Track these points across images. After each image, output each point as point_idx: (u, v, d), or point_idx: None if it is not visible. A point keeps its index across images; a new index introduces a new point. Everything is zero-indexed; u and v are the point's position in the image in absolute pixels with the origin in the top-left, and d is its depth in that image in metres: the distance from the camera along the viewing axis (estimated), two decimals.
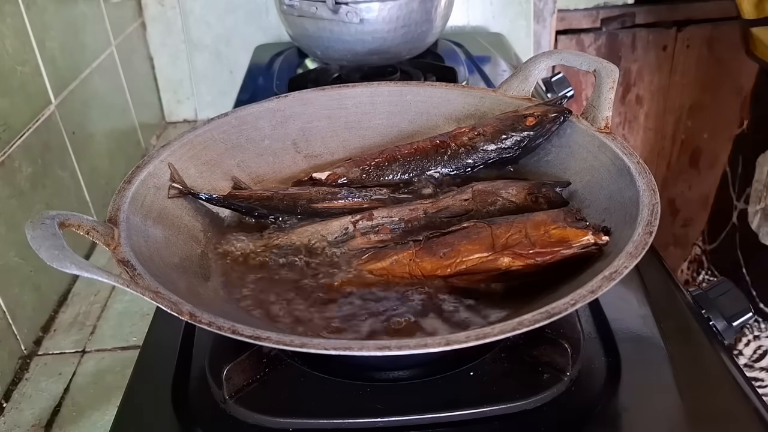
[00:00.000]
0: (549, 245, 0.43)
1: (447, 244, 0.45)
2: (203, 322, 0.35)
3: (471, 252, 0.44)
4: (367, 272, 0.46)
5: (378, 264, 0.46)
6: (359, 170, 0.56)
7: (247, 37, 1.13)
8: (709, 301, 0.50)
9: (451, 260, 0.44)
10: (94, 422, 0.55)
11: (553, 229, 0.43)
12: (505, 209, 0.49)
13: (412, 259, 0.45)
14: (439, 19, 0.88)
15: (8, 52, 0.67)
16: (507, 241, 0.44)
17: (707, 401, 0.41)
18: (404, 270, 0.45)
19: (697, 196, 1.44)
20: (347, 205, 0.52)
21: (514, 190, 0.50)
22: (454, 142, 0.56)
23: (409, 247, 0.46)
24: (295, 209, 0.52)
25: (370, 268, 0.46)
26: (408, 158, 0.56)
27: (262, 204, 0.52)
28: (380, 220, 0.50)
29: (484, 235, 0.44)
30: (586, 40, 1.26)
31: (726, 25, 1.25)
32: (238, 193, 0.53)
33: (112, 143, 0.92)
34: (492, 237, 0.44)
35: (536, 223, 0.44)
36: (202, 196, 0.51)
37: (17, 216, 0.64)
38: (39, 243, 0.36)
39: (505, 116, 0.56)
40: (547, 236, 0.43)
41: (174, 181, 0.51)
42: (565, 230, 0.43)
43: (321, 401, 0.41)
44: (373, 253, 0.47)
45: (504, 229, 0.44)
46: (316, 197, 0.52)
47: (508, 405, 0.40)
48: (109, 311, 0.70)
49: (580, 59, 0.55)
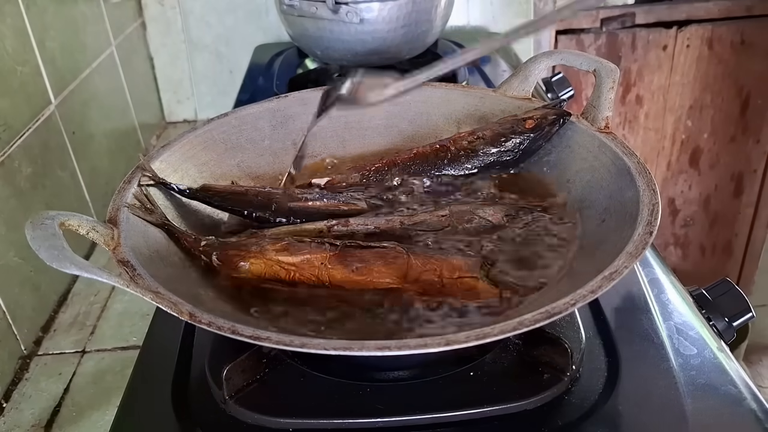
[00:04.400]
0: (456, 291, 0.43)
1: (362, 259, 0.44)
2: (203, 323, 0.35)
3: (382, 275, 0.43)
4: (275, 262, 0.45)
5: (289, 258, 0.45)
6: (359, 176, 0.56)
7: (247, 37, 1.13)
8: (710, 301, 0.50)
9: (362, 277, 0.44)
10: (94, 422, 0.55)
11: (467, 278, 0.43)
12: (481, 228, 0.49)
13: (324, 263, 0.44)
14: (439, 19, 0.88)
15: (8, 52, 0.67)
16: (419, 276, 0.43)
17: (707, 401, 0.41)
18: (313, 272, 0.44)
19: (697, 196, 1.44)
20: (321, 206, 0.51)
21: (491, 210, 0.50)
22: (453, 146, 0.56)
23: (324, 249, 0.45)
24: (269, 206, 0.51)
25: (279, 259, 0.45)
26: (408, 163, 0.56)
27: (235, 199, 0.51)
28: (355, 227, 0.49)
29: (401, 262, 0.44)
30: (586, 40, 1.26)
31: (726, 25, 1.25)
32: (210, 186, 0.52)
33: (112, 143, 0.92)
34: (407, 266, 0.43)
35: (453, 267, 0.43)
36: (174, 186, 0.50)
37: (17, 216, 0.64)
38: (39, 243, 0.37)
39: (504, 120, 0.56)
40: (458, 282, 0.43)
41: (144, 169, 0.50)
42: (477, 283, 0.43)
43: (321, 401, 0.41)
44: (288, 243, 0.46)
45: (421, 261, 0.44)
46: (290, 196, 0.52)
47: (508, 405, 0.40)
48: (109, 311, 0.70)
49: (580, 59, 0.55)
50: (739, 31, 1.26)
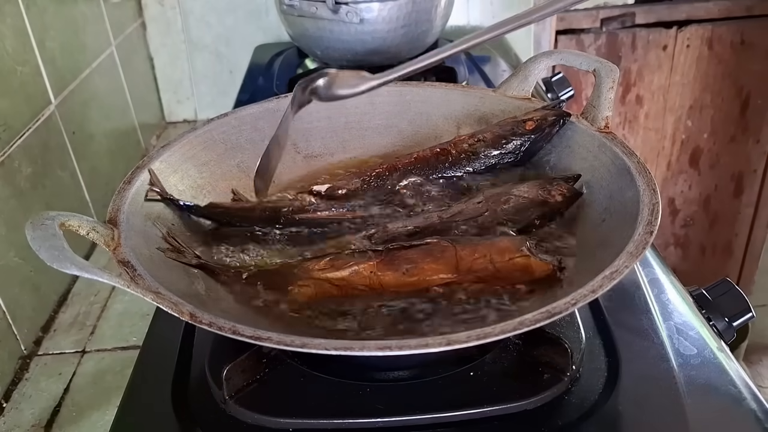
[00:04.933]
0: (511, 274, 0.43)
1: (410, 260, 0.43)
2: (204, 323, 0.35)
3: (435, 272, 0.43)
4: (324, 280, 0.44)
5: (336, 273, 0.44)
6: (360, 181, 0.55)
7: (247, 37, 1.13)
8: (710, 301, 0.50)
9: (414, 278, 0.43)
10: (94, 422, 0.55)
11: (518, 258, 0.43)
12: (520, 205, 0.49)
13: (373, 272, 0.43)
14: (439, 19, 0.88)
15: (8, 52, 0.67)
16: (471, 266, 0.43)
17: (707, 401, 0.41)
18: (364, 282, 0.43)
19: (697, 196, 1.44)
20: (329, 216, 0.51)
21: (525, 187, 0.50)
22: (454, 149, 0.55)
23: (368, 258, 0.44)
24: (278, 219, 0.51)
25: (327, 276, 0.44)
26: (409, 167, 0.55)
27: (243, 215, 0.51)
28: (395, 231, 0.48)
29: (449, 255, 0.43)
30: (586, 40, 1.26)
31: (726, 25, 1.25)
32: (217, 204, 0.52)
33: (112, 143, 0.92)
34: (456, 258, 0.43)
35: (501, 249, 0.43)
36: (181, 203, 0.50)
37: (17, 216, 0.64)
38: (39, 243, 0.37)
39: (504, 122, 0.56)
40: (511, 263, 0.43)
41: (153, 184, 0.49)
42: (529, 260, 0.43)
43: (321, 401, 0.41)
44: (330, 260, 0.45)
45: (469, 251, 0.43)
46: (298, 209, 0.51)
47: (508, 405, 0.40)
48: (109, 311, 0.70)
49: (580, 59, 0.55)
50: (739, 31, 1.26)
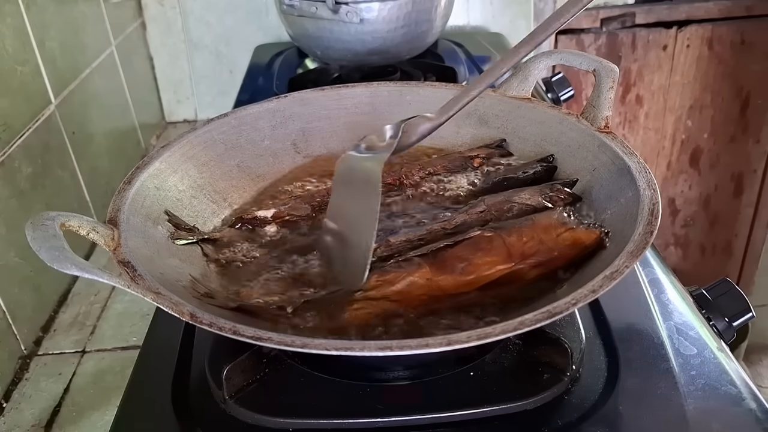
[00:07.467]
0: (566, 249, 0.42)
1: (461, 258, 0.41)
2: (204, 323, 0.35)
3: (490, 264, 0.41)
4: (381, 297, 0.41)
5: (392, 288, 0.41)
6: (308, 207, 0.53)
7: (247, 37, 1.13)
8: (710, 301, 0.50)
9: (471, 276, 0.41)
10: (94, 422, 0.55)
11: (564, 232, 0.42)
12: (524, 212, 0.48)
13: (429, 278, 0.41)
14: (439, 19, 0.88)
15: (8, 52, 0.67)
16: (525, 250, 0.41)
17: (707, 401, 0.41)
18: (423, 291, 0.41)
19: (697, 196, 1.44)
20: None
21: (526, 194, 0.49)
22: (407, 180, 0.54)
23: (417, 265, 0.42)
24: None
25: (384, 293, 0.41)
26: None
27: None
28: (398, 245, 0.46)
29: (498, 244, 0.41)
30: (586, 40, 1.26)
31: (726, 25, 1.25)
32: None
33: (112, 143, 0.92)
34: (506, 245, 0.41)
35: (545, 227, 0.42)
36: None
37: (17, 216, 0.64)
38: (39, 244, 0.36)
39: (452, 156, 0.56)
40: (561, 240, 0.42)
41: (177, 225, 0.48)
42: (575, 232, 0.42)
43: (321, 401, 0.41)
44: (378, 274, 0.42)
45: (516, 236, 0.42)
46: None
47: (508, 405, 0.40)
48: (109, 311, 0.70)
49: (580, 59, 0.55)
50: (739, 31, 1.26)
